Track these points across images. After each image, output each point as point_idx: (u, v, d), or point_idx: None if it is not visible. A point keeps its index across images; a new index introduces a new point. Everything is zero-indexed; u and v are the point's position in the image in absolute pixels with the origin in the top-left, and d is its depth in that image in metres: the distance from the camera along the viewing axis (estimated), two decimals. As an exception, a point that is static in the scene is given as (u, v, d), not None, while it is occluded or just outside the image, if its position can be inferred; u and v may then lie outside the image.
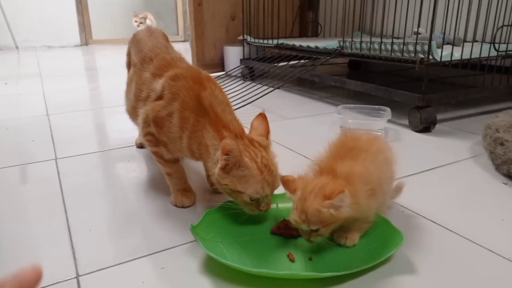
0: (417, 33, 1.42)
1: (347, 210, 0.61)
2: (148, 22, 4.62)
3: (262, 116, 0.80)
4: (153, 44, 0.97)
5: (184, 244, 0.72)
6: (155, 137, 0.83)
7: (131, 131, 1.30)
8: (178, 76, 0.82)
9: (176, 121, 0.78)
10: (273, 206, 0.80)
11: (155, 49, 0.96)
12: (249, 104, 1.55)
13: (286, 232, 0.72)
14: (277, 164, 0.73)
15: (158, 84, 0.84)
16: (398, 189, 0.82)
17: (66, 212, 0.84)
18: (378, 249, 0.66)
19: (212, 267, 0.65)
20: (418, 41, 1.34)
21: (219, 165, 0.69)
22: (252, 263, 0.65)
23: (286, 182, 0.68)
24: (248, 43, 2.34)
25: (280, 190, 0.72)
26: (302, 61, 1.94)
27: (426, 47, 1.32)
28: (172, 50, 0.98)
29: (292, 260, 0.66)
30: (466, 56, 1.39)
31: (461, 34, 1.56)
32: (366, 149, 0.70)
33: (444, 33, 1.46)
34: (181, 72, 0.83)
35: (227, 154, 0.67)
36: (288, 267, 0.65)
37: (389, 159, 0.72)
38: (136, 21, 4.57)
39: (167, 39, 1.05)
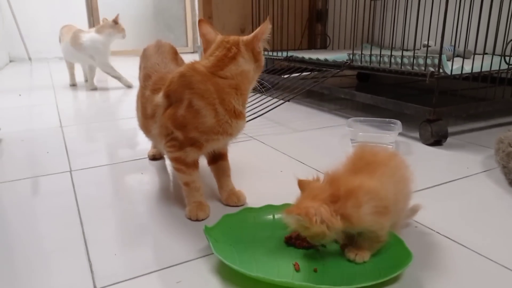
0: (427, 46, 1.43)
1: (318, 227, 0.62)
2: None
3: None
4: (154, 62, 0.99)
5: (199, 257, 0.72)
6: (179, 141, 0.84)
7: (143, 143, 1.32)
8: (171, 80, 0.85)
9: (200, 103, 0.80)
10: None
11: (155, 66, 0.98)
12: (259, 116, 1.57)
13: (297, 242, 0.73)
14: None
15: (159, 98, 0.87)
16: (414, 211, 0.81)
17: (82, 225, 0.85)
18: (387, 270, 0.65)
19: (229, 280, 0.66)
20: (428, 55, 1.35)
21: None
22: (258, 269, 0.67)
23: (303, 186, 0.69)
24: (257, 55, 2.36)
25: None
26: (312, 73, 1.96)
27: (436, 61, 1.33)
28: (170, 65, 0.99)
29: (297, 270, 0.67)
30: (476, 69, 1.39)
31: (471, 47, 1.56)
32: (384, 164, 0.70)
33: (454, 46, 1.47)
34: (171, 76, 0.86)
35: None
36: (291, 276, 0.66)
37: (406, 177, 0.72)
38: None
39: (175, 53, 1.05)
